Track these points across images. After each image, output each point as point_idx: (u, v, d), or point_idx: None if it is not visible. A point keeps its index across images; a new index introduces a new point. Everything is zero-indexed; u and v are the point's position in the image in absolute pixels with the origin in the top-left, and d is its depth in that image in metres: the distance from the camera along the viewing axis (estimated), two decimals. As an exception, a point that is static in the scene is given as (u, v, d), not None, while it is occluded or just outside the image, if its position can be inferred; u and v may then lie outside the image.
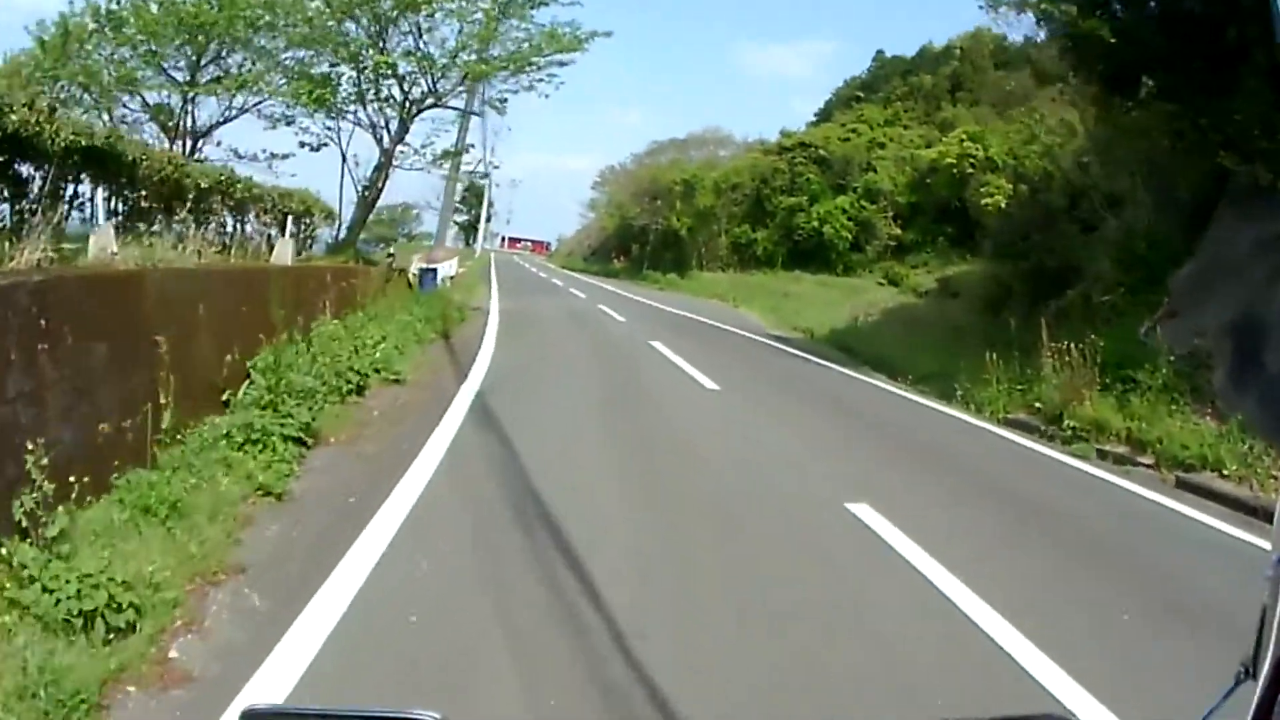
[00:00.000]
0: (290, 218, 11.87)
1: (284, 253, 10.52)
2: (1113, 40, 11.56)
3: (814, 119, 51.55)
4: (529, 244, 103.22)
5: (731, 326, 20.73)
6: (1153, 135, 12.35)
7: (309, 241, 14.24)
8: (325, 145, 17.42)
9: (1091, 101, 12.77)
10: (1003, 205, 35.65)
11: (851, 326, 18.89)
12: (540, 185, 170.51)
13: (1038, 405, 10.37)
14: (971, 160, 35.07)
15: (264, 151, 17.53)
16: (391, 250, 21.05)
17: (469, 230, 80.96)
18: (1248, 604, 0.85)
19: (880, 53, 51.18)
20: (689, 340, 16.16)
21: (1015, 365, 11.05)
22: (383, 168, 17.60)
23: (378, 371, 9.30)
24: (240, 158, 17.34)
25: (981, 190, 35.26)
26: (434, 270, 18.10)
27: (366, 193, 17.61)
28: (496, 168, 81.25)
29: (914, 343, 15.09)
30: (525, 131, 64.71)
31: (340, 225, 17.32)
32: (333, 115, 17.20)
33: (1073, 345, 10.02)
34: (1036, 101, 39.48)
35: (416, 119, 18.14)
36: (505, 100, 18.98)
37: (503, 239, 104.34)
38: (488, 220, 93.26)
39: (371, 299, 13.41)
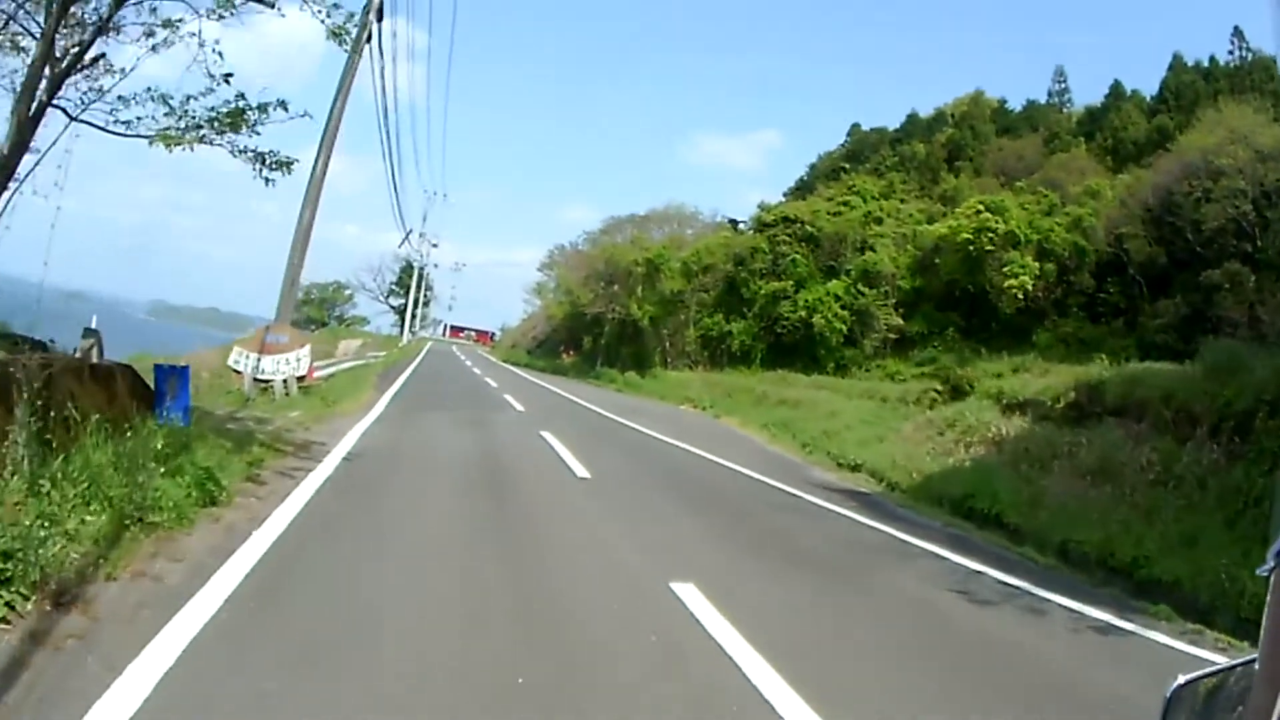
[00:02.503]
0: None
1: None
2: None
3: (784, 198, 46.18)
4: (473, 333, 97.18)
5: (760, 474, 13.42)
6: None
7: None
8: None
9: None
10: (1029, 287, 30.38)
11: (975, 474, 11.86)
12: (487, 276, 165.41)
13: None
14: (991, 235, 29.35)
15: None
16: (93, 325, 11.56)
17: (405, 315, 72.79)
18: None
19: (856, 125, 46.56)
20: (737, 546, 8.66)
21: None
22: (28, 94, 8.47)
23: None
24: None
25: (1004, 270, 29.61)
26: (181, 371, 9.08)
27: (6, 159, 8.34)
28: (435, 245, 74.19)
29: (1160, 527, 8.23)
30: (473, 222, 58.45)
31: None
32: None
33: None
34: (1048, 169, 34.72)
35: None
36: None
37: (445, 327, 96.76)
38: (425, 304, 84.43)
39: None
